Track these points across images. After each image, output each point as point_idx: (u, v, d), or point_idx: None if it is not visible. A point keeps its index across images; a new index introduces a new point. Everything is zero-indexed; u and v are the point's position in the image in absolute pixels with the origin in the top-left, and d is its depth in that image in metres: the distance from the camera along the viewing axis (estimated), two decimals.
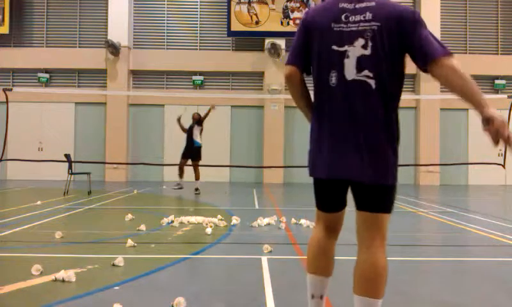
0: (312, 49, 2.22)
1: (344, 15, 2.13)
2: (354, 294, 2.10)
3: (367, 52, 2.07)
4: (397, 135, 2.18)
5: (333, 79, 2.13)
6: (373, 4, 2.11)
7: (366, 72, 2.07)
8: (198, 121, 11.57)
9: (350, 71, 2.09)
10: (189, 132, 11.59)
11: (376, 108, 2.08)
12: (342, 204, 2.30)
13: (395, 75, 2.11)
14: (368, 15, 2.08)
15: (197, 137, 11.51)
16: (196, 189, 11.47)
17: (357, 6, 2.12)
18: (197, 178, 11.49)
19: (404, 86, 2.24)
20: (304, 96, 2.34)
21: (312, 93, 2.31)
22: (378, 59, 2.06)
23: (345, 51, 2.10)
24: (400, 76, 2.15)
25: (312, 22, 2.22)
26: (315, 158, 2.22)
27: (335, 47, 2.13)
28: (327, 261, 2.30)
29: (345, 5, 2.14)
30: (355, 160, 2.07)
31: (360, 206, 2.14)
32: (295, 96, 2.35)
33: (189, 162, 11.47)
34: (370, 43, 2.06)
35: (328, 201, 2.29)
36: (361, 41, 2.08)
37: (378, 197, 2.10)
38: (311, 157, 2.26)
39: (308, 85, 2.34)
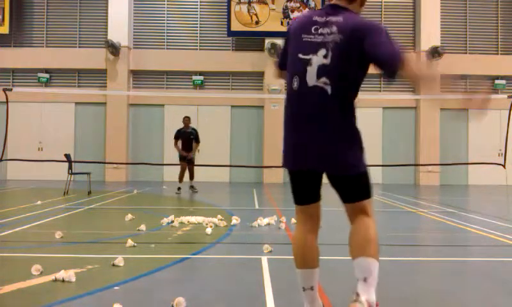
0: (288, 56, 2.54)
1: (314, 27, 2.39)
2: (352, 259, 2.31)
3: (327, 61, 2.32)
4: (355, 133, 2.39)
5: (295, 84, 2.40)
6: (340, 18, 2.34)
7: (324, 79, 2.33)
8: (196, 138, 11.63)
9: (311, 77, 2.35)
10: (188, 140, 11.54)
11: (331, 111, 2.32)
12: (315, 197, 2.53)
13: (350, 82, 2.36)
14: (334, 29, 2.33)
15: (195, 152, 11.80)
16: (193, 187, 11.56)
17: (327, 19, 2.37)
18: (192, 178, 11.70)
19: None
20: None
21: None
22: (335, 68, 2.30)
23: (310, 59, 2.36)
24: (356, 83, 2.39)
25: (290, 31, 2.53)
26: (285, 152, 2.52)
27: (300, 55, 2.40)
28: (312, 254, 2.49)
29: (317, 18, 2.41)
30: (314, 154, 2.36)
31: (343, 200, 2.45)
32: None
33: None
34: (330, 53, 2.31)
35: (303, 193, 2.52)
36: (323, 51, 2.33)
37: (353, 188, 2.40)
38: (283, 151, 2.54)
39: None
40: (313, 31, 2.38)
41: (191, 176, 11.68)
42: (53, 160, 11.03)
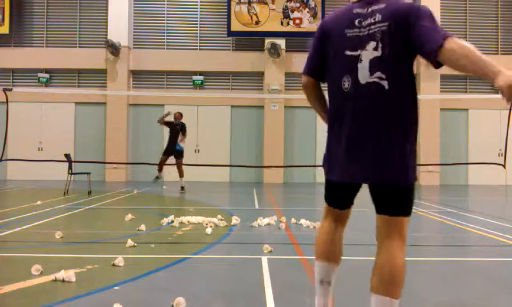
0: (326, 57, 2.28)
1: (358, 20, 2.17)
2: (372, 293, 2.11)
3: (378, 53, 2.09)
4: (415, 134, 2.15)
5: (346, 84, 2.17)
6: (382, 5, 2.13)
7: (379, 74, 2.09)
8: (183, 130, 11.53)
9: (363, 74, 2.13)
10: (174, 133, 11.54)
11: (391, 109, 2.08)
12: (351, 202, 2.39)
13: (407, 73, 2.11)
14: (378, 17, 2.11)
15: (181, 142, 11.60)
16: (182, 188, 11.50)
17: (369, 9, 2.15)
18: (181, 175, 11.56)
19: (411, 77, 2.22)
20: (319, 101, 2.44)
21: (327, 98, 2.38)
22: (389, 60, 2.08)
23: (359, 55, 2.14)
24: (412, 74, 2.15)
25: (326, 30, 2.28)
26: (330, 161, 2.28)
27: (348, 52, 2.17)
28: (336, 248, 2.38)
29: (359, 10, 2.18)
30: (370, 163, 2.10)
31: (379, 210, 2.16)
32: (311, 102, 2.47)
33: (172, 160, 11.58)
34: (380, 44, 2.09)
35: (340, 200, 2.38)
36: (372, 44, 2.11)
37: (396, 200, 2.11)
38: (327, 159, 2.32)
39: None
40: (357, 24, 2.16)
41: (180, 174, 11.54)
42: (53, 160, 11.03)
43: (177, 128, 11.56)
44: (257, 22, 16.73)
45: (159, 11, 17.39)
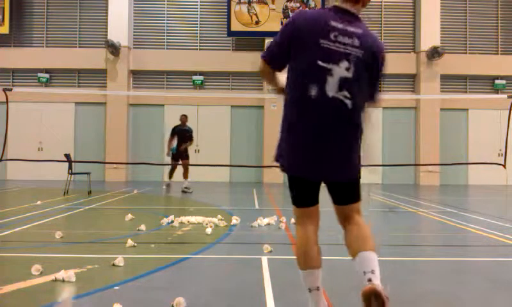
0: (294, 55, 2.37)
1: (333, 34, 2.29)
2: (353, 258, 2.32)
3: (349, 74, 2.29)
4: (360, 140, 2.48)
5: (313, 92, 2.31)
6: (360, 31, 2.32)
7: (345, 93, 2.30)
8: (191, 137, 11.62)
9: (332, 88, 2.30)
10: (182, 137, 11.55)
11: (349, 124, 2.35)
12: (316, 199, 2.56)
13: (366, 97, 2.43)
14: (356, 42, 2.30)
15: (187, 146, 11.69)
16: (187, 188, 11.46)
17: (347, 28, 2.31)
18: (186, 177, 11.53)
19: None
20: (274, 80, 2.59)
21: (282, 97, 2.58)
22: (357, 83, 2.31)
23: (330, 69, 2.29)
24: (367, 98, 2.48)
25: (297, 32, 2.35)
26: (291, 158, 2.43)
27: (320, 63, 2.30)
28: (317, 255, 2.49)
29: (334, 24, 2.31)
30: (331, 164, 2.38)
31: (338, 202, 2.50)
32: (266, 81, 2.72)
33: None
34: (353, 68, 2.29)
35: (305, 196, 2.51)
36: (345, 64, 2.29)
37: (352, 191, 2.48)
38: (287, 156, 2.44)
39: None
40: (332, 38, 2.29)
41: (185, 175, 11.51)
42: (53, 160, 11.04)
43: (187, 136, 11.59)
44: (257, 22, 16.73)
45: (159, 11, 17.39)
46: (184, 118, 11.78)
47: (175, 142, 11.60)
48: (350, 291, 3.27)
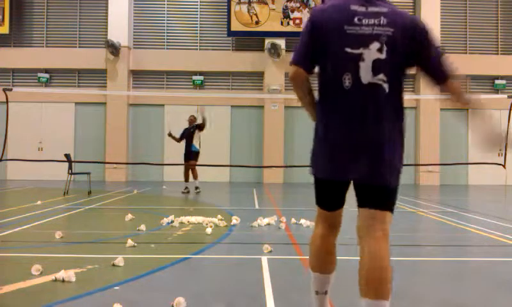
0: (321, 50, 2.19)
1: (357, 17, 2.13)
2: (363, 296, 2.08)
3: (382, 56, 2.11)
4: (403, 137, 2.25)
5: (347, 82, 2.13)
6: (386, 10, 2.15)
7: (381, 76, 2.11)
8: (199, 126, 11.59)
9: (366, 74, 2.11)
10: (188, 136, 11.58)
11: (389, 112, 2.14)
12: (343, 202, 2.35)
13: (403, 80, 2.21)
14: (383, 20, 2.12)
15: (196, 143, 11.66)
16: (196, 188, 11.48)
17: (369, 9, 2.14)
18: (195, 177, 11.54)
19: (404, 85, 2.29)
20: (308, 95, 2.34)
21: (317, 92, 2.31)
22: (392, 64, 2.12)
23: (361, 54, 2.11)
24: (403, 81, 2.25)
25: (321, 22, 2.18)
26: (322, 159, 2.24)
27: (348, 50, 2.12)
28: (330, 259, 2.36)
29: (356, 8, 2.15)
30: (365, 162, 2.12)
31: (363, 204, 2.20)
32: (299, 95, 2.35)
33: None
34: (385, 48, 2.11)
35: (332, 200, 2.33)
36: (376, 45, 2.11)
37: (382, 197, 2.17)
38: (316, 157, 2.27)
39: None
40: (357, 22, 2.12)
41: (195, 176, 11.52)
42: (53, 160, 11.01)
43: (191, 131, 11.62)
44: (257, 22, 16.73)
45: (159, 11, 17.38)
46: (192, 118, 11.90)
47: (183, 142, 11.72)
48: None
